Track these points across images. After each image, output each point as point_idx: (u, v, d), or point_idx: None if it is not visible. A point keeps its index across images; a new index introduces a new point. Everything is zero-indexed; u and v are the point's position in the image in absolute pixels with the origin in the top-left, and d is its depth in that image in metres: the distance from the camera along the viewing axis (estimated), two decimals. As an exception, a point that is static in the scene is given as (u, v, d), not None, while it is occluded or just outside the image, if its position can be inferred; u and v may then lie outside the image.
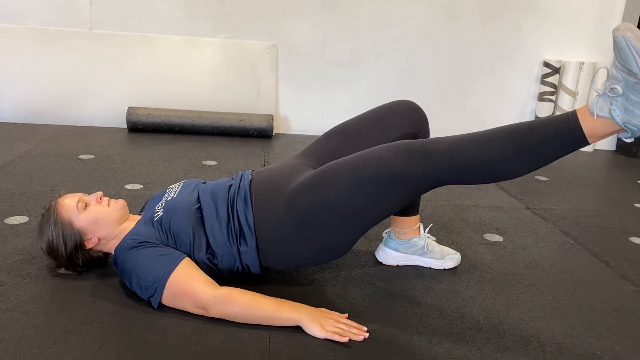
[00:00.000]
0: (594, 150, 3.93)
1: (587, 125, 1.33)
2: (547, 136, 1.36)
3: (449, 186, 2.80)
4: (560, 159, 3.47)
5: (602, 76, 1.36)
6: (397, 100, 1.76)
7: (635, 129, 1.29)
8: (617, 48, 1.26)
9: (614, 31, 1.27)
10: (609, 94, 1.30)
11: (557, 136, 1.35)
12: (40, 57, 3.42)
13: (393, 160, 1.45)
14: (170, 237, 1.55)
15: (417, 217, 1.83)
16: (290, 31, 3.57)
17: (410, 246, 1.84)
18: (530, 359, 1.40)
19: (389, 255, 1.86)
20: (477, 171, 1.42)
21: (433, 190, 2.69)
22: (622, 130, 1.32)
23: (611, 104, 1.30)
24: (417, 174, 1.44)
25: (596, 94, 1.34)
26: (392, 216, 1.84)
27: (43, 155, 2.83)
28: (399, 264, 1.86)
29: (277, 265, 1.62)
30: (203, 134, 3.46)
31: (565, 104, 3.76)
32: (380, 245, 1.89)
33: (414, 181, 1.46)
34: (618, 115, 1.29)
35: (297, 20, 3.55)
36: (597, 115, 1.32)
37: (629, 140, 1.35)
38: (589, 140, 1.34)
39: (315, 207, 1.50)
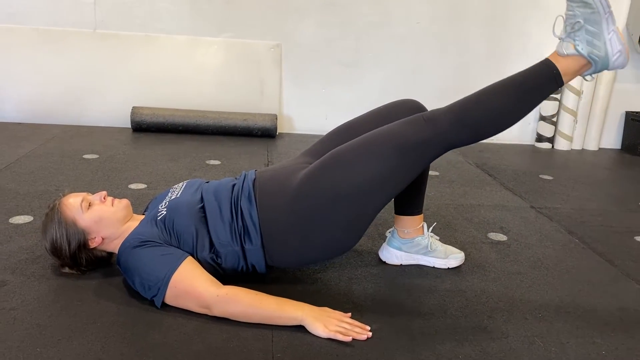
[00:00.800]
0: (599, 149, 3.91)
1: (560, 65, 1.48)
2: (533, 82, 1.51)
3: (453, 186, 2.79)
4: (565, 158, 3.46)
5: (559, 24, 1.53)
6: (402, 99, 1.76)
7: (598, 60, 1.45)
8: None
9: None
10: (570, 29, 1.45)
11: (540, 80, 1.51)
12: (45, 57, 3.43)
13: (399, 131, 1.52)
14: (173, 236, 1.55)
15: (420, 216, 1.83)
16: (294, 30, 3.57)
17: (414, 245, 1.83)
18: (534, 358, 1.40)
19: (392, 255, 1.85)
20: (479, 124, 1.51)
21: (437, 189, 2.69)
22: (588, 63, 1.47)
23: (574, 40, 1.45)
24: (424, 139, 1.50)
25: (559, 39, 1.50)
26: (395, 215, 1.84)
27: (48, 155, 2.84)
28: (403, 264, 1.85)
29: (283, 263, 1.62)
30: (207, 133, 3.47)
31: (570, 102, 3.74)
32: (383, 244, 1.89)
33: (423, 147, 1.51)
34: (583, 49, 1.45)
35: (301, 19, 3.55)
36: (565, 54, 1.47)
37: (590, 79, 1.53)
38: (564, 79, 1.49)
39: (323, 195, 1.51)
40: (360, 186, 1.50)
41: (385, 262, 1.86)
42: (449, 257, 1.85)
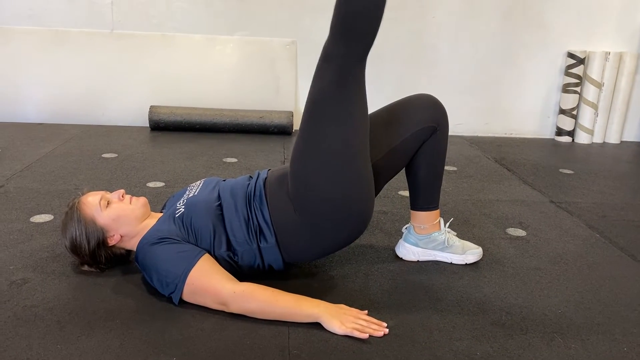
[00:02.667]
0: (621, 142, 3.84)
1: None
2: None
3: (471, 181, 2.77)
4: (585, 151, 3.39)
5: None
6: (417, 94, 1.74)
7: None
8: None
9: None
10: None
11: None
12: (64, 58, 3.48)
13: (316, 83, 1.48)
14: (191, 233, 1.56)
15: (437, 211, 1.82)
16: (309, 27, 3.56)
17: (431, 241, 1.82)
18: (553, 355, 1.38)
19: (409, 251, 1.84)
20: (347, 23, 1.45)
21: (455, 185, 2.67)
22: None
23: None
24: (336, 71, 1.45)
25: None
26: (411, 211, 1.82)
27: (67, 155, 2.88)
28: (420, 260, 1.84)
29: (301, 258, 1.63)
30: (224, 131, 3.49)
31: (591, 95, 3.68)
32: (400, 241, 1.88)
33: (341, 77, 1.45)
34: None
35: (316, 15, 3.54)
36: None
37: None
38: None
39: (309, 179, 1.50)
40: (330, 147, 1.47)
41: (401, 258, 1.85)
42: (467, 253, 1.84)
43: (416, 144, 1.69)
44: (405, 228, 1.88)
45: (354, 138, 1.49)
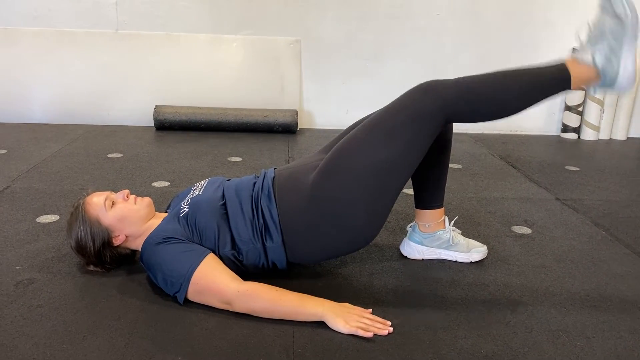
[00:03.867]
0: (628, 138, 3.82)
1: (573, 72, 1.48)
2: (544, 80, 1.51)
3: (476, 178, 2.76)
4: (591, 148, 3.39)
5: (585, 30, 1.54)
6: (416, 87, 1.72)
7: (608, 78, 1.46)
8: None
9: None
10: (594, 38, 1.46)
11: (551, 81, 1.50)
12: (69, 59, 3.49)
13: (399, 107, 1.51)
14: (195, 233, 1.56)
15: (441, 210, 1.81)
16: (313, 26, 3.56)
17: (435, 239, 1.82)
18: (559, 353, 1.37)
19: (413, 249, 1.84)
20: (478, 103, 1.50)
21: (459, 182, 2.67)
22: (598, 76, 1.47)
23: (595, 50, 1.46)
24: (424, 109, 1.48)
25: (580, 45, 1.51)
26: (416, 210, 1.82)
27: (73, 155, 2.89)
28: (424, 258, 1.84)
29: (305, 260, 1.63)
30: (228, 130, 3.49)
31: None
32: (404, 239, 1.88)
33: (424, 117, 1.48)
34: (599, 61, 1.46)
35: (320, 14, 3.54)
36: (582, 62, 1.48)
37: (593, 92, 1.55)
38: (572, 85, 1.49)
39: (342, 184, 1.50)
40: (372, 169, 1.49)
41: (406, 256, 1.85)
42: (472, 251, 1.83)
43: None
44: (410, 226, 1.88)
45: (403, 173, 1.53)
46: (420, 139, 1.51)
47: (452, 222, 1.86)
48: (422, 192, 1.79)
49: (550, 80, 1.50)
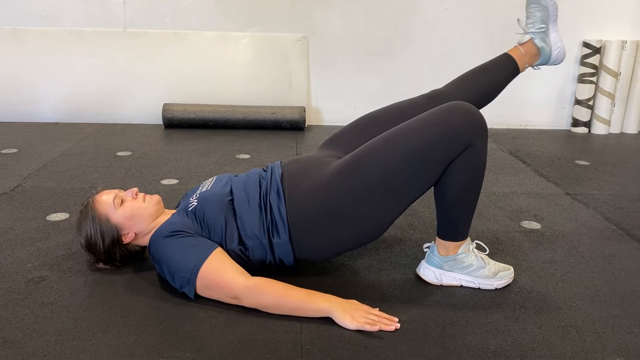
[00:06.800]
0: (639, 132, 3.78)
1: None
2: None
3: (485, 174, 2.73)
4: (602, 142, 3.36)
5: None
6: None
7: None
8: None
9: None
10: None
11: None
12: (78, 58, 3.52)
13: (434, 121, 1.51)
14: (204, 227, 1.57)
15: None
16: (321, 22, 3.56)
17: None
18: (568, 349, 1.37)
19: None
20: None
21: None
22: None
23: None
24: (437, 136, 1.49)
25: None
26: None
27: (82, 153, 2.92)
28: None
29: (312, 256, 1.63)
30: (237, 128, 3.50)
31: (607, 85, 3.62)
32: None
33: (456, 134, 1.49)
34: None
35: (327, 10, 3.53)
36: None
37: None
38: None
39: (354, 192, 1.50)
40: (391, 183, 1.49)
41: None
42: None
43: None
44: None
45: (419, 184, 1.52)
46: (437, 158, 1.49)
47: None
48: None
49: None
